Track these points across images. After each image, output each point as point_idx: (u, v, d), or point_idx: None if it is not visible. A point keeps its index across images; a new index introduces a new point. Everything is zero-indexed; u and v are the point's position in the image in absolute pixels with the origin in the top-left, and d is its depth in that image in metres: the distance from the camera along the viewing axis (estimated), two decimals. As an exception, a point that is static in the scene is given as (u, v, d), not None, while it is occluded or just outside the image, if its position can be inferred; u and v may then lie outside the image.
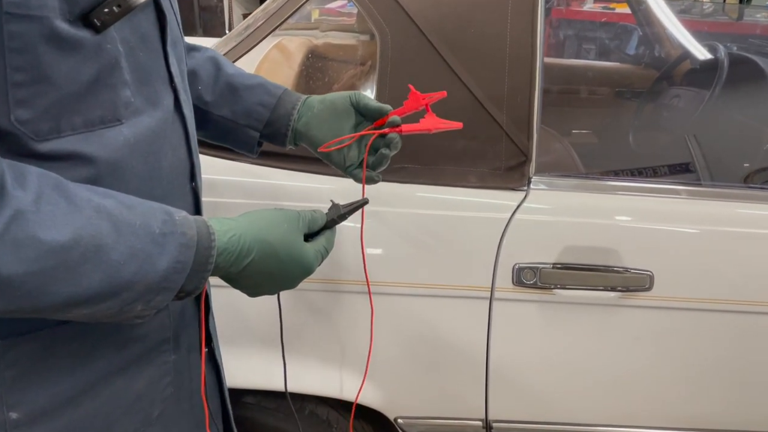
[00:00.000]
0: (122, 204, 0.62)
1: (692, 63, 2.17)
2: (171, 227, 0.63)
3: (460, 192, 1.16)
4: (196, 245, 0.65)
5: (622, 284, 1.14)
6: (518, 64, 1.14)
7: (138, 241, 0.61)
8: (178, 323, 0.78)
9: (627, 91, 2.42)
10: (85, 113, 0.61)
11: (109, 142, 0.63)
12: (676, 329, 1.17)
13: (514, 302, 1.15)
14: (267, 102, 0.93)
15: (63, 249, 0.56)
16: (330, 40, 1.77)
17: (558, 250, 1.14)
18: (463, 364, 1.19)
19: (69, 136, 0.61)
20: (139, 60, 0.67)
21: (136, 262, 0.60)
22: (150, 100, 0.69)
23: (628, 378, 1.20)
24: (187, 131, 0.77)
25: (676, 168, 1.73)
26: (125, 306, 0.62)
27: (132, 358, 0.72)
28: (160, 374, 0.76)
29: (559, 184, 1.19)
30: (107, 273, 0.59)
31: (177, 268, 0.63)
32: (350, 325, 1.17)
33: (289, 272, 0.74)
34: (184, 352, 0.80)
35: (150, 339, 0.74)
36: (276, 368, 1.17)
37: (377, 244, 1.14)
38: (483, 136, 1.15)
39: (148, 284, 0.62)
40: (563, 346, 1.18)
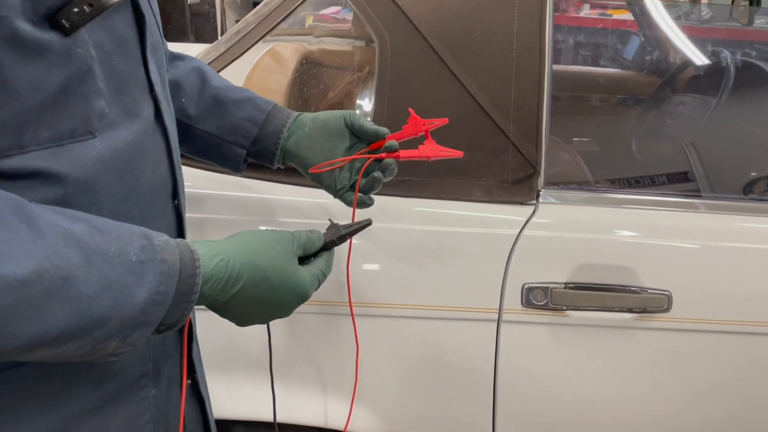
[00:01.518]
0: (94, 228, 0.55)
1: (697, 69, 2.13)
2: (150, 254, 0.57)
3: (464, 207, 1.09)
4: (178, 273, 0.58)
5: (639, 305, 1.07)
6: (526, 69, 1.08)
7: (112, 271, 0.54)
8: (159, 355, 0.71)
9: (629, 98, 2.38)
10: (53, 126, 0.55)
11: (81, 158, 0.57)
12: (696, 352, 1.11)
13: (524, 324, 1.09)
14: (256, 118, 0.87)
15: (23, 284, 0.49)
16: (325, 46, 1.71)
17: (570, 268, 1.07)
18: (469, 390, 1.12)
19: (34, 152, 0.54)
20: (115, 66, 0.60)
21: (109, 295, 0.54)
22: (127, 110, 0.62)
23: (645, 405, 1.13)
24: (169, 144, 0.70)
25: (674, 177, 1.69)
26: (97, 344, 0.55)
27: (107, 396, 0.66)
28: (139, 412, 0.69)
29: (569, 198, 1.13)
30: (76, 309, 0.52)
31: (157, 300, 0.57)
32: (344, 351, 1.10)
33: (282, 299, 0.68)
34: (165, 386, 0.73)
35: (127, 374, 0.67)
36: (266, 397, 1.10)
37: (376, 262, 1.08)
38: (488, 146, 1.09)
39: (124, 319, 0.55)
40: (576, 371, 1.11)
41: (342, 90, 1.40)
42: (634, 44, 2.58)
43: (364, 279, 1.08)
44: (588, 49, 2.77)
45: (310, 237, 0.72)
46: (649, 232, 1.10)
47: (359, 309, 1.08)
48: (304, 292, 0.69)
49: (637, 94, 2.34)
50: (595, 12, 3.29)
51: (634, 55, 2.58)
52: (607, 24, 2.95)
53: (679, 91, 2.15)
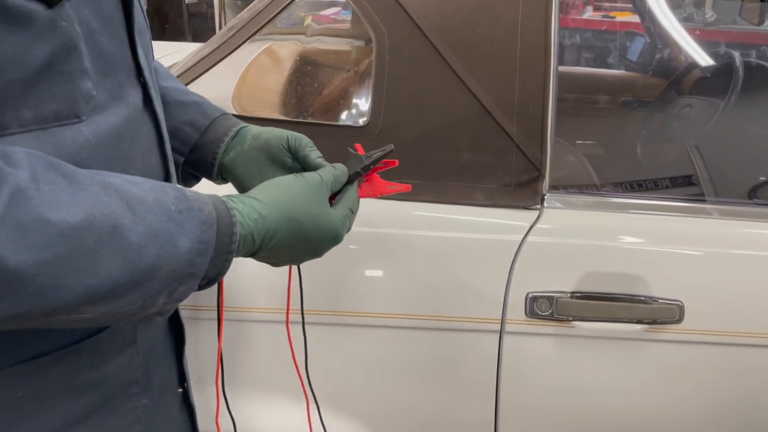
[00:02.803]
0: (127, 180, 0.54)
1: (704, 71, 2.08)
2: (186, 203, 0.56)
3: (465, 211, 1.04)
4: (216, 222, 0.58)
5: (650, 316, 1.02)
6: (531, 67, 1.03)
7: (155, 220, 0.53)
8: (149, 360, 0.68)
9: (633, 100, 2.34)
10: (37, 106, 0.52)
11: (66, 143, 0.54)
12: (710, 366, 1.06)
13: (528, 336, 1.04)
14: (198, 123, 0.80)
15: (76, 231, 0.48)
16: (321, 45, 1.67)
17: (576, 277, 1.02)
18: (471, 404, 1.07)
19: (16, 135, 0.51)
20: (101, 46, 0.57)
21: (157, 244, 0.53)
22: (114, 94, 0.59)
23: (656, 420, 1.08)
24: (160, 133, 0.67)
25: (678, 180, 1.65)
26: (147, 299, 0.54)
27: (94, 405, 0.62)
28: (129, 423, 0.66)
29: (575, 202, 1.08)
30: (127, 258, 0.51)
31: (201, 249, 0.56)
32: (339, 359, 1.05)
33: (316, 245, 0.68)
34: (157, 395, 0.70)
35: (115, 381, 0.64)
36: (255, 410, 1.05)
37: (372, 269, 1.03)
38: (491, 148, 1.04)
39: (172, 269, 0.54)
40: (583, 384, 1.06)
41: (337, 88, 1.35)
42: (639, 45, 2.55)
43: (360, 287, 1.03)
44: (591, 51, 2.73)
45: (336, 174, 0.71)
46: (659, 238, 1.05)
47: (354, 319, 1.03)
48: (336, 235, 0.69)
49: (642, 96, 2.30)
50: (598, 14, 3.26)
51: (639, 57, 2.54)
52: (610, 26, 2.92)
53: (685, 93, 2.11)
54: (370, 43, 1.07)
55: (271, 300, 1.02)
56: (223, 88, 1.27)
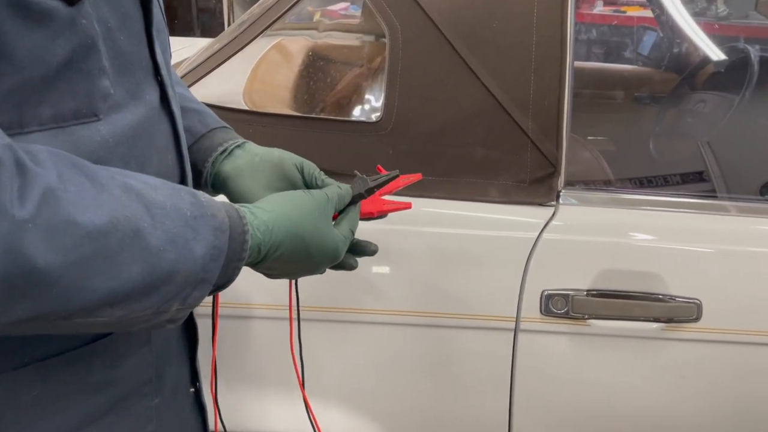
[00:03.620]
0: (146, 183, 0.54)
1: (717, 66, 2.06)
2: (200, 209, 0.56)
3: (479, 208, 1.03)
4: (229, 229, 0.58)
5: (667, 314, 1.01)
6: (546, 62, 1.02)
7: (173, 225, 0.53)
8: (162, 360, 0.67)
9: (646, 95, 2.31)
10: (56, 104, 0.52)
11: (84, 141, 0.54)
12: (727, 365, 1.04)
13: (543, 334, 1.03)
14: (195, 129, 0.78)
15: (101, 234, 0.48)
16: (332, 41, 1.66)
17: (592, 274, 1.01)
18: (484, 403, 1.06)
19: (35, 133, 0.51)
20: (119, 44, 0.56)
21: (174, 249, 0.53)
22: (132, 93, 0.58)
23: (672, 419, 1.07)
24: (176, 132, 0.66)
25: (689, 177, 1.63)
26: (163, 305, 0.54)
27: (107, 404, 0.62)
28: (141, 423, 0.66)
29: (591, 199, 1.07)
30: (147, 262, 0.51)
31: (214, 254, 0.56)
32: (352, 358, 1.05)
33: (316, 262, 0.68)
34: (169, 394, 0.69)
35: (129, 381, 0.63)
36: (269, 408, 1.05)
37: (385, 266, 1.02)
38: (506, 144, 1.03)
39: (188, 274, 0.54)
40: (598, 383, 1.05)
41: (350, 84, 1.34)
42: (651, 40, 2.52)
43: (372, 284, 1.02)
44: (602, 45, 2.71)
45: (340, 194, 0.72)
46: (676, 236, 1.04)
47: (368, 316, 1.02)
48: (337, 254, 0.69)
49: (655, 92, 2.28)
50: (609, 9, 3.24)
51: (652, 51, 2.51)
52: (621, 21, 2.89)
53: (699, 88, 2.08)
54: (382, 39, 1.06)
55: (267, 297, 1.01)
56: (235, 83, 1.26)
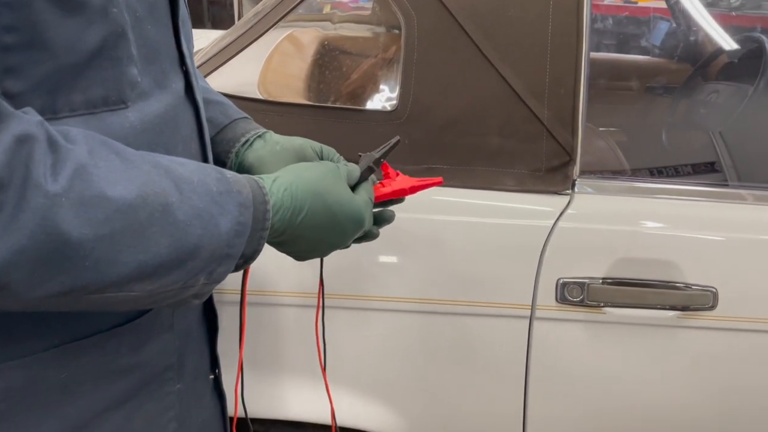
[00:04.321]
0: (173, 161, 0.56)
1: (731, 56, 2.05)
2: (226, 185, 0.58)
3: (495, 196, 1.03)
4: (252, 203, 0.59)
5: (683, 302, 1.01)
6: (562, 51, 1.02)
7: (200, 200, 0.55)
8: (184, 346, 0.69)
9: (658, 86, 2.30)
10: (87, 91, 0.53)
11: (113, 128, 0.55)
12: (743, 354, 1.04)
13: (558, 322, 1.03)
14: (218, 120, 0.80)
15: (131, 208, 0.49)
16: (345, 32, 1.66)
17: (608, 262, 1.01)
18: (498, 391, 1.06)
19: (67, 119, 0.52)
20: (147, 33, 0.58)
21: (200, 224, 0.54)
22: (158, 82, 0.60)
23: (689, 407, 1.07)
24: (200, 122, 0.68)
25: (700, 167, 1.62)
26: (189, 279, 0.55)
27: (131, 389, 0.63)
28: (163, 408, 0.67)
29: (607, 188, 1.07)
30: (175, 236, 0.52)
31: (239, 230, 0.57)
32: (367, 345, 1.05)
33: (342, 226, 0.68)
34: (190, 380, 0.70)
35: (152, 366, 0.65)
36: (286, 395, 1.05)
37: (399, 254, 1.02)
38: (521, 132, 1.03)
39: (213, 249, 0.56)
40: (614, 371, 1.05)
41: (365, 73, 1.34)
42: (663, 30, 2.51)
43: (387, 272, 1.03)
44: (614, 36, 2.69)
45: (349, 168, 0.72)
46: (692, 224, 1.04)
47: (384, 304, 1.03)
48: (360, 217, 0.69)
49: (668, 82, 2.27)
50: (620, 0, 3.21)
51: (664, 42, 2.50)
52: (633, 11, 2.87)
53: (711, 79, 2.07)
54: (396, 30, 1.06)
55: (292, 284, 1.02)
56: (249, 73, 1.27)
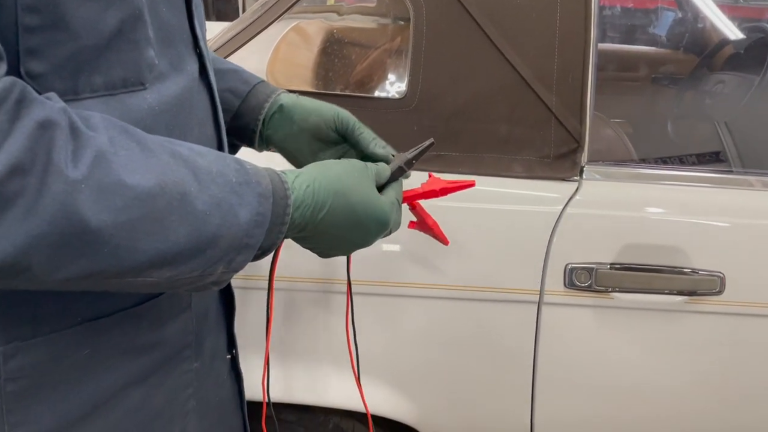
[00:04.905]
0: (193, 150, 0.56)
1: (737, 47, 2.05)
2: (245, 176, 0.58)
3: (503, 183, 1.04)
4: (272, 195, 0.59)
5: (690, 287, 1.02)
6: (570, 39, 1.03)
7: (218, 190, 0.55)
8: (201, 326, 0.70)
9: (664, 77, 2.30)
10: (107, 73, 0.54)
11: (132, 109, 0.56)
12: (750, 338, 1.05)
13: (566, 307, 1.04)
14: (239, 90, 0.80)
15: (149, 196, 0.50)
16: (352, 23, 1.67)
17: (616, 248, 1.02)
18: (507, 375, 1.08)
19: (87, 100, 0.53)
20: (162, 16, 0.58)
21: (219, 213, 0.55)
22: (174, 64, 0.60)
23: (696, 392, 1.08)
24: (214, 104, 0.68)
25: (704, 157, 1.63)
26: (208, 268, 0.56)
27: (150, 367, 0.64)
28: (182, 385, 0.68)
29: (615, 174, 1.08)
30: (193, 225, 0.53)
31: (258, 221, 0.58)
32: (377, 331, 1.06)
33: (365, 226, 0.67)
34: (207, 359, 0.72)
35: (171, 344, 0.66)
36: (298, 379, 1.07)
37: (410, 241, 1.03)
38: (529, 120, 1.04)
39: (232, 239, 0.56)
40: (621, 356, 1.07)
41: (374, 61, 1.35)
42: (669, 21, 2.51)
43: (398, 257, 1.04)
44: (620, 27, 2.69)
45: (379, 167, 0.71)
46: (700, 210, 1.05)
47: (392, 289, 1.04)
48: (385, 218, 0.68)
49: (674, 73, 2.27)
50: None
51: (669, 33, 2.50)
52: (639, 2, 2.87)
53: (717, 69, 2.07)
54: (402, 21, 1.06)
55: (316, 271, 1.03)
56: (257, 63, 1.27)
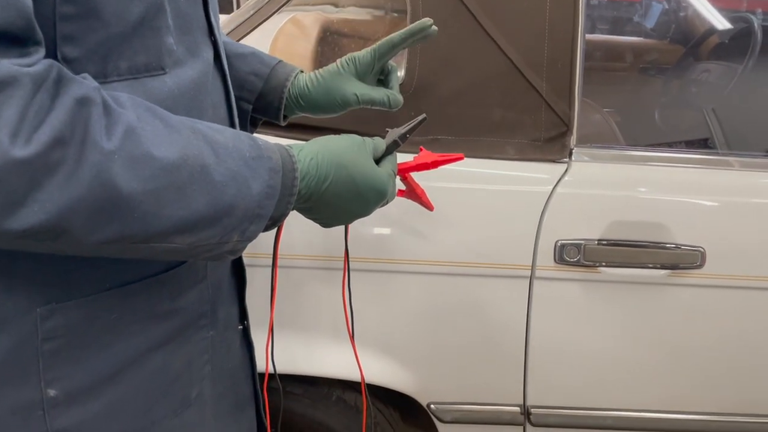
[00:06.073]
0: (211, 127, 0.61)
1: (722, 36, 2.10)
2: (258, 151, 0.62)
3: (497, 165, 1.10)
4: (281, 169, 0.63)
5: (672, 261, 1.07)
6: (559, 28, 1.08)
7: (234, 164, 0.59)
8: (216, 297, 0.74)
9: (651, 67, 2.35)
10: (131, 58, 0.59)
11: (154, 92, 0.60)
12: (729, 309, 1.11)
13: (556, 281, 1.09)
14: (260, 72, 0.86)
15: (174, 167, 0.54)
16: (347, 15, 1.71)
17: (603, 225, 1.08)
18: (501, 346, 1.13)
19: (115, 83, 0.58)
20: (180, 5, 0.63)
21: (235, 185, 0.59)
22: (191, 50, 0.65)
23: (679, 362, 1.14)
24: (227, 88, 0.73)
25: (693, 144, 1.68)
26: (224, 235, 0.60)
27: (171, 332, 0.68)
28: (199, 351, 0.72)
29: (602, 156, 1.13)
30: (212, 195, 0.57)
31: (269, 192, 0.62)
32: (377, 306, 1.11)
33: (364, 196, 0.71)
34: (221, 329, 0.76)
35: (189, 313, 0.70)
36: (299, 351, 1.12)
37: (408, 219, 1.08)
38: (521, 105, 1.09)
39: (246, 209, 0.60)
40: (608, 327, 1.12)
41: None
42: (657, 12, 2.55)
43: (396, 234, 1.09)
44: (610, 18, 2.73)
45: (375, 142, 0.75)
46: (682, 189, 1.10)
47: (387, 265, 1.09)
48: (383, 188, 0.72)
49: (661, 63, 2.32)
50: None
51: (657, 24, 2.54)
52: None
53: (703, 59, 2.12)
54: (396, 14, 1.10)
55: (314, 249, 1.08)
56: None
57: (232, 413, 0.82)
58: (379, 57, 0.84)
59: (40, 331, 0.59)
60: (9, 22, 0.47)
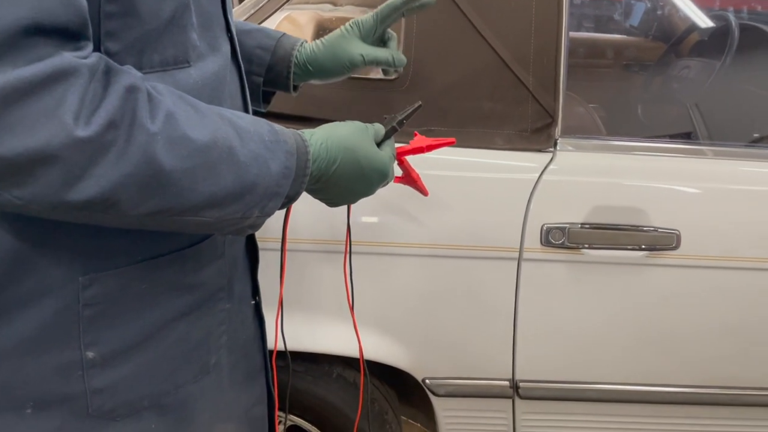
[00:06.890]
0: (234, 114, 0.66)
1: (701, 34, 2.17)
2: (274, 135, 0.68)
3: (487, 154, 1.16)
4: (296, 152, 0.69)
5: (650, 243, 1.15)
6: (545, 25, 1.14)
7: (255, 146, 0.65)
8: (232, 272, 0.80)
9: (634, 64, 2.42)
10: (162, 52, 0.64)
11: (181, 83, 0.66)
12: (704, 288, 1.18)
13: (543, 262, 1.16)
14: (266, 44, 0.92)
15: (206, 148, 0.60)
16: (342, 14, 1.76)
17: (586, 210, 1.15)
18: (491, 324, 1.20)
19: (147, 74, 0.63)
20: (202, 4, 0.69)
21: (257, 165, 0.65)
22: (212, 45, 0.71)
23: (657, 337, 1.21)
24: (242, 82, 0.79)
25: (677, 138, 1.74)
26: (247, 210, 0.66)
27: (193, 304, 0.73)
28: (217, 322, 0.78)
29: (585, 146, 1.20)
30: (237, 174, 0.63)
31: (285, 173, 0.68)
32: (375, 287, 1.17)
33: (368, 177, 0.77)
34: (237, 302, 0.82)
35: (208, 286, 0.75)
36: (303, 329, 1.18)
37: (404, 205, 1.15)
38: (509, 97, 1.15)
39: (266, 188, 0.66)
40: (591, 305, 1.19)
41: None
42: (641, 11, 2.62)
43: (393, 220, 1.15)
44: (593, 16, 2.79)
45: (376, 127, 0.81)
46: (659, 176, 1.17)
47: (384, 248, 1.15)
48: (385, 170, 0.78)
49: (643, 60, 2.39)
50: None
51: (640, 22, 2.61)
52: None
53: (684, 55, 2.19)
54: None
55: (317, 233, 1.15)
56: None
57: (244, 382, 0.87)
58: (381, 20, 0.89)
59: (81, 297, 0.64)
60: (69, 20, 0.53)
